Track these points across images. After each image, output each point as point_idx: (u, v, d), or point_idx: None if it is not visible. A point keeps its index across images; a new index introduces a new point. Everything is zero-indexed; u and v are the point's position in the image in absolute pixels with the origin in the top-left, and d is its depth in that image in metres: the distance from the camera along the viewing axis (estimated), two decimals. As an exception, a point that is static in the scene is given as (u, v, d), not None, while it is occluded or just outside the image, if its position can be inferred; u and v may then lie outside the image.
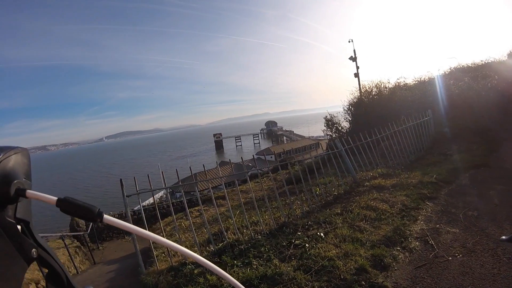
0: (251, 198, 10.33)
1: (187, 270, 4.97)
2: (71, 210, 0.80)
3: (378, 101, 16.91)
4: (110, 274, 9.93)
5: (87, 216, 0.81)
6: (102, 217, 0.82)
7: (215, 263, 5.06)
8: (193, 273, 4.86)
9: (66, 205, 0.80)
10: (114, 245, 20.34)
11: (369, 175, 8.76)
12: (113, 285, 8.01)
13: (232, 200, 10.49)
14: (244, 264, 4.85)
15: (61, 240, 14.40)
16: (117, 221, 0.87)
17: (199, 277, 4.69)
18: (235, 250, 5.32)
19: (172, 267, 5.22)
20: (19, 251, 0.76)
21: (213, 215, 9.79)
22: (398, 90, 16.93)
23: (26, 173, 0.84)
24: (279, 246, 5.26)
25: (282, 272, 4.36)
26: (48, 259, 0.82)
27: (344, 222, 5.81)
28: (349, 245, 4.91)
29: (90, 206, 0.81)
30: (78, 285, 0.87)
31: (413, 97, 15.35)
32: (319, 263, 4.48)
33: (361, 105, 17.76)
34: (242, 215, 6.67)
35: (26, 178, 0.82)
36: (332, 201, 7.42)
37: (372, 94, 17.96)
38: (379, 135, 9.56)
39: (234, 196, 11.49)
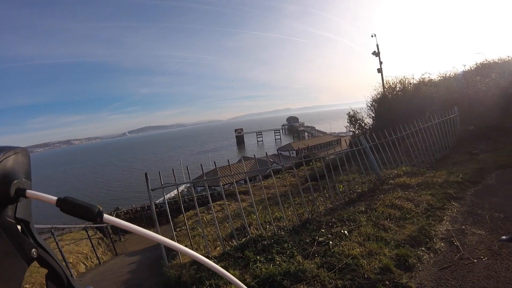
0: (272, 194, 10.33)
1: (210, 264, 5.01)
2: (71, 209, 0.79)
3: (402, 97, 16.65)
4: (132, 266, 10.03)
5: (87, 215, 0.80)
6: (102, 217, 0.81)
7: (238, 257, 5.08)
8: (216, 268, 4.88)
9: (66, 204, 0.80)
10: (136, 237, 20.56)
11: (393, 173, 8.62)
12: (134, 277, 8.08)
13: (254, 195, 10.48)
14: (267, 260, 4.84)
15: (84, 231, 14.62)
16: (117, 221, 0.86)
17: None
18: (258, 246, 5.31)
19: (195, 260, 5.26)
20: (19, 251, 0.77)
21: (235, 210, 9.80)
22: (422, 86, 16.58)
23: (26, 173, 0.84)
24: (303, 242, 5.23)
25: (305, 269, 4.34)
26: (48, 259, 0.83)
27: (368, 221, 5.74)
28: (374, 244, 4.85)
29: (90, 205, 0.81)
30: (78, 285, 0.88)
31: (438, 94, 15.02)
32: (343, 261, 4.43)
33: (384, 101, 17.51)
34: (265, 210, 6.66)
35: (26, 178, 0.82)
36: (356, 199, 7.35)
37: (396, 90, 17.69)
38: (404, 133, 9.42)
39: (255, 191, 11.48)
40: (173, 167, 11.70)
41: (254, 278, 4.36)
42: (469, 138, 11.56)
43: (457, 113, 11.68)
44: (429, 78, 17.49)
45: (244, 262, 4.89)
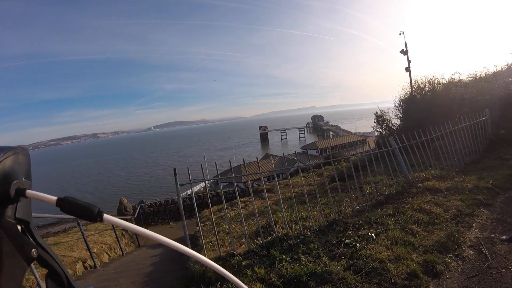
0: (296, 193, 10.29)
1: (235, 261, 4.99)
2: (71, 209, 0.79)
3: (431, 98, 16.24)
4: (154, 258, 10.12)
5: (87, 215, 0.80)
6: (102, 217, 0.82)
7: (264, 256, 5.06)
8: (241, 265, 4.87)
9: (66, 204, 0.80)
10: (159, 230, 20.75)
11: (421, 176, 8.42)
12: (157, 269, 8.15)
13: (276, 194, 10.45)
14: (292, 260, 4.80)
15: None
16: (117, 221, 0.87)
17: (247, 269, 4.69)
18: (284, 245, 5.29)
19: (220, 257, 5.26)
20: (19, 251, 0.77)
21: (259, 208, 9.79)
22: (452, 86, 16.09)
23: (26, 173, 0.84)
24: (329, 244, 5.18)
25: (331, 270, 4.30)
26: (48, 259, 0.84)
27: (396, 224, 5.65)
28: (401, 248, 4.77)
29: (90, 205, 0.81)
30: (78, 285, 0.88)
31: (468, 95, 14.58)
32: (369, 265, 4.38)
33: (413, 101, 17.15)
34: (291, 209, 6.63)
35: (26, 178, 0.82)
36: (384, 201, 7.22)
37: (425, 90, 17.29)
38: (433, 135, 9.23)
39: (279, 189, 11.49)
40: (198, 162, 11.61)
41: (280, 278, 4.34)
42: (500, 142, 11.23)
43: (488, 116, 11.37)
44: (459, 78, 16.94)
45: (270, 261, 4.87)
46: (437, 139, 9.52)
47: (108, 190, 74.65)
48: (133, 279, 7.28)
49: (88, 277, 8.23)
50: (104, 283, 7.25)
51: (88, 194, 75.18)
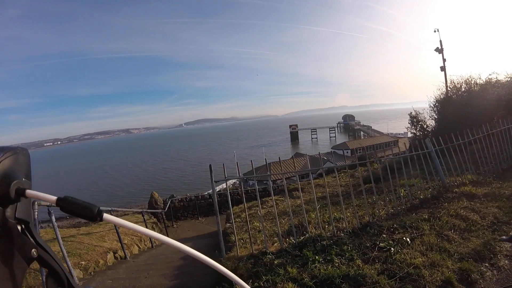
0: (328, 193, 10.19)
1: (267, 260, 4.98)
2: (71, 209, 0.80)
3: (467, 99, 15.69)
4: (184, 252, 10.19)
5: (87, 215, 0.80)
6: (102, 216, 0.82)
7: (296, 255, 5.04)
8: (273, 263, 4.85)
9: (66, 204, 0.80)
10: (188, 225, 20.97)
11: (457, 180, 8.14)
12: (187, 263, 8.19)
13: (309, 194, 10.33)
14: (325, 261, 4.76)
15: (140, 215, 15.07)
16: (117, 220, 0.88)
17: (279, 268, 4.68)
18: (317, 245, 5.23)
19: (252, 254, 5.25)
20: (19, 251, 0.78)
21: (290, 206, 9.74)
22: (489, 87, 15.54)
23: (26, 173, 0.84)
24: (363, 246, 5.11)
25: (365, 274, 4.24)
26: (48, 259, 0.84)
27: (432, 229, 5.51)
28: (436, 255, 4.66)
29: (90, 205, 0.82)
30: (78, 285, 0.90)
31: (506, 96, 14.08)
32: (404, 270, 4.30)
33: (448, 102, 16.60)
34: (323, 209, 6.57)
35: (26, 178, 0.82)
36: (419, 205, 7.04)
37: (461, 90, 16.78)
38: (471, 138, 8.96)
39: (310, 189, 11.35)
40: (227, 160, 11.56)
41: (312, 278, 4.31)
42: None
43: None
44: (496, 78, 16.15)
45: (302, 261, 4.84)
46: (474, 142, 9.25)
47: (138, 185, 75.76)
48: (163, 271, 7.35)
49: (119, 267, 8.37)
50: (134, 274, 7.35)
51: (118, 187, 76.51)
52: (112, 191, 73.66)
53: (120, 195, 66.59)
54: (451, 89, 17.58)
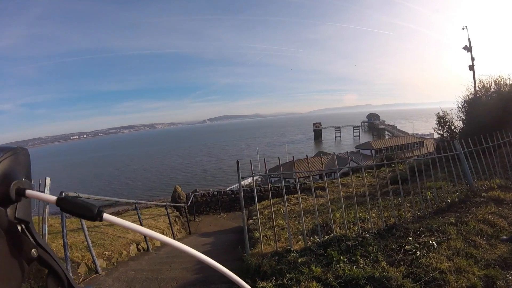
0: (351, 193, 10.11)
1: (291, 258, 4.97)
2: (71, 208, 0.80)
3: (497, 100, 14.99)
4: (206, 247, 10.26)
5: (86, 214, 0.80)
6: (102, 216, 0.81)
7: (320, 255, 5.02)
8: (297, 262, 4.84)
9: (66, 204, 0.80)
10: (210, 220, 21.12)
11: (485, 184, 7.93)
12: (210, 257, 8.23)
13: (332, 193, 10.27)
14: (350, 261, 4.73)
15: (163, 208, 15.22)
16: (117, 220, 0.87)
17: (303, 266, 4.66)
18: (342, 245, 5.19)
19: (277, 252, 5.25)
20: (19, 251, 0.78)
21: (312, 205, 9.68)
22: None
23: (26, 173, 0.84)
24: (388, 248, 5.04)
25: (390, 276, 4.19)
26: (48, 259, 0.84)
27: (458, 234, 5.41)
28: (462, 260, 4.56)
29: (90, 205, 0.82)
30: (79, 285, 0.90)
31: None
32: (429, 274, 4.23)
33: (477, 103, 16.03)
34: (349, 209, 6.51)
35: (26, 178, 0.82)
36: (445, 209, 6.88)
37: (490, 91, 16.12)
38: (500, 140, 8.73)
39: (334, 189, 11.24)
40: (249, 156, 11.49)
41: (336, 278, 4.28)
42: None
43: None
44: None
45: (327, 260, 4.81)
46: (503, 146, 9.04)
47: (161, 179, 76.60)
48: (185, 265, 7.40)
49: (141, 259, 8.46)
50: (156, 266, 7.43)
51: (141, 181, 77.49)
52: (134, 185, 74.68)
53: (142, 189, 67.52)
54: (480, 89, 16.91)
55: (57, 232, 8.82)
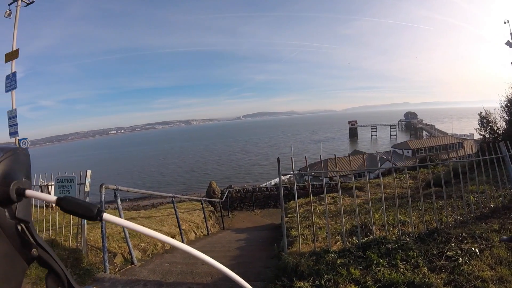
0: (388, 194, 9.94)
1: (330, 258, 4.91)
2: (71, 208, 0.81)
3: None
4: (240, 243, 10.28)
5: (86, 214, 0.81)
6: (102, 216, 0.83)
7: (359, 257, 4.94)
8: (335, 263, 4.78)
9: (66, 203, 0.81)
10: (243, 216, 21.22)
11: None
12: (244, 254, 8.26)
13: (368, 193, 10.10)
14: (389, 265, 4.63)
15: (197, 203, 15.38)
16: (117, 220, 0.88)
17: (341, 268, 4.59)
18: (381, 248, 5.07)
19: (315, 252, 5.19)
20: (19, 251, 0.79)
21: (349, 205, 9.56)
22: None
23: (26, 173, 0.84)
24: (429, 254, 4.90)
25: (431, 283, 4.08)
26: (48, 259, 0.85)
27: (502, 242, 5.28)
28: (505, 270, 4.38)
29: (90, 204, 0.83)
30: (78, 285, 0.89)
31: None
32: (471, 283, 4.10)
33: None
34: (387, 211, 6.37)
35: (26, 178, 0.83)
36: (489, 214, 6.60)
37: None
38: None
39: (371, 189, 11.06)
40: (284, 153, 11.38)
41: (376, 282, 4.20)
42: None
43: None
44: None
45: (366, 263, 4.72)
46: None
47: (195, 174, 77.45)
48: (220, 260, 7.31)
49: (176, 252, 8.54)
50: (191, 260, 7.48)
51: (176, 175, 78.56)
52: (168, 179, 75.82)
53: (175, 183, 68.50)
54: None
55: (94, 222, 9.02)
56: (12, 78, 12.96)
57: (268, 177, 55.95)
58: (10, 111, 13.15)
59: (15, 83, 12.90)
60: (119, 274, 6.30)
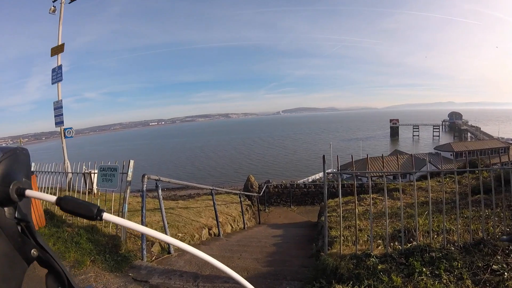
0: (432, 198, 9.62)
1: (370, 263, 4.79)
2: (71, 208, 0.81)
3: None
4: (276, 239, 10.26)
5: (86, 214, 0.82)
6: (102, 215, 0.84)
7: (401, 264, 4.80)
8: (376, 268, 4.65)
9: (65, 203, 0.81)
10: (280, 211, 21.22)
11: None
12: (280, 251, 8.23)
13: (410, 196, 9.83)
14: (432, 275, 4.46)
15: (234, 196, 15.48)
16: (118, 219, 0.90)
17: (382, 274, 4.47)
18: (425, 256, 4.87)
19: (355, 255, 5.08)
20: (19, 251, 0.79)
21: (390, 208, 9.33)
22: None
23: (26, 173, 0.85)
24: (474, 266, 4.69)
25: (474, 297, 3.95)
26: (48, 259, 0.85)
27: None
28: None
29: (90, 204, 0.84)
30: (78, 285, 0.90)
31: None
32: (516, 300, 3.95)
33: None
34: (434, 217, 6.15)
35: (25, 178, 0.83)
36: (537, 227, 6.41)
37: None
38: None
39: (412, 192, 10.75)
40: (322, 151, 11.21)
41: (417, 292, 4.09)
42: None
43: None
44: None
45: (408, 271, 4.55)
46: None
47: (231, 166, 78.22)
48: (256, 256, 7.43)
49: (212, 244, 8.63)
50: (227, 253, 7.52)
51: (212, 167, 79.51)
52: (206, 170, 76.72)
53: (212, 175, 69.34)
54: None
55: (134, 210, 9.23)
56: (58, 71, 13.65)
57: (305, 173, 55.78)
58: (56, 102, 13.73)
59: (61, 76, 13.62)
60: (155, 263, 6.40)
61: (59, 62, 13.58)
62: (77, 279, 5.44)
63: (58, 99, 13.67)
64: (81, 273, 5.63)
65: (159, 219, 8.09)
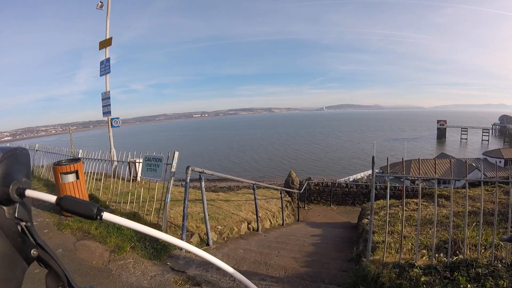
0: (478, 208, 9.24)
1: (414, 274, 4.62)
2: (71, 208, 0.81)
3: None
4: (315, 238, 10.15)
5: (87, 214, 0.83)
6: (102, 216, 0.85)
7: (445, 277, 4.59)
8: (419, 280, 4.48)
9: (66, 203, 0.82)
10: (319, 210, 21.06)
11: None
12: (319, 252, 8.12)
13: (456, 204, 9.44)
14: (477, 292, 4.25)
15: (275, 191, 15.49)
16: (118, 219, 0.90)
17: (425, 286, 4.31)
18: (471, 272, 4.63)
19: (398, 264, 4.90)
20: (19, 251, 0.80)
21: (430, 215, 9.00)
22: None
23: (26, 173, 0.84)
24: (520, 285, 4.49)
25: (518, 320, 3.74)
26: (48, 259, 0.85)
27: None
28: None
29: (90, 204, 0.84)
30: (78, 285, 0.90)
31: None
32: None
33: None
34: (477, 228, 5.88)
35: (26, 178, 0.84)
36: None
37: None
38: None
39: (458, 200, 10.34)
40: (365, 150, 10.93)
41: (461, 309, 3.91)
42: None
43: None
44: None
45: (452, 286, 4.35)
46: None
47: (272, 161, 78.32)
48: (294, 254, 7.36)
49: (251, 239, 8.61)
50: (265, 250, 7.48)
51: (253, 161, 79.91)
52: (246, 163, 77.15)
53: (253, 169, 69.69)
54: None
55: (175, 200, 9.33)
56: (106, 64, 14.33)
57: (346, 172, 55.20)
58: (104, 93, 14.32)
59: (109, 68, 14.27)
60: (194, 254, 6.41)
61: (107, 55, 14.25)
62: (116, 264, 5.57)
63: (106, 90, 14.25)
64: (120, 259, 5.78)
65: (200, 210, 8.16)
